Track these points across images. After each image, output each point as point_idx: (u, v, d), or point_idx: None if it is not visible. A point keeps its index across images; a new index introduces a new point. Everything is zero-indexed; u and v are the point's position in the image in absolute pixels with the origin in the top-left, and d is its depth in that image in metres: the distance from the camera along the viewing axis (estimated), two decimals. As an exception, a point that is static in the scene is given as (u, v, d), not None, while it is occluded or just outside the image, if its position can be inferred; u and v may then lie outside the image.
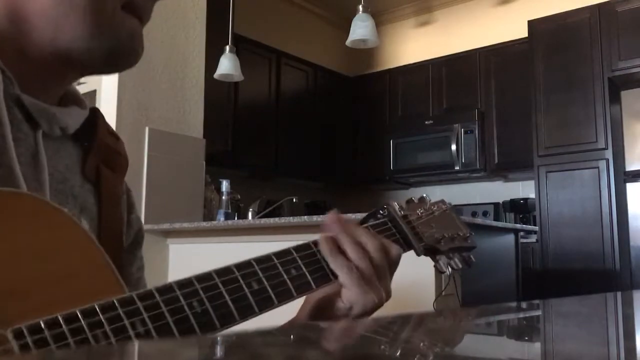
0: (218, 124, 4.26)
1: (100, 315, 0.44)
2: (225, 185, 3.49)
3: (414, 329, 0.42)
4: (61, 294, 0.46)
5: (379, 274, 0.64)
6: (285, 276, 0.58)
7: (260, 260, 0.58)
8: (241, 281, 0.54)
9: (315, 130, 5.30)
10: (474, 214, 4.92)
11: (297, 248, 0.62)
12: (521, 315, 0.53)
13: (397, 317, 0.54)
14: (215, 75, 3.47)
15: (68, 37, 0.58)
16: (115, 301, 0.45)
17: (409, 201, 0.76)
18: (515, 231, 3.15)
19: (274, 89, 4.97)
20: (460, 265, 0.74)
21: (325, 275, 0.62)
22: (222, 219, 3.33)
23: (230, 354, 0.29)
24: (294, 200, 4.32)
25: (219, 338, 0.38)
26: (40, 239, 0.48)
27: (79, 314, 0.43)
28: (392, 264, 0.66)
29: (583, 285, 3.73)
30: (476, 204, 5.05)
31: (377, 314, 0.64)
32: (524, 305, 0.60)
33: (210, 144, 3.52)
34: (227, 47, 3.49)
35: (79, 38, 0.58)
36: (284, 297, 0.57)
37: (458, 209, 5.02)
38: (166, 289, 0.49)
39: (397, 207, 0.73)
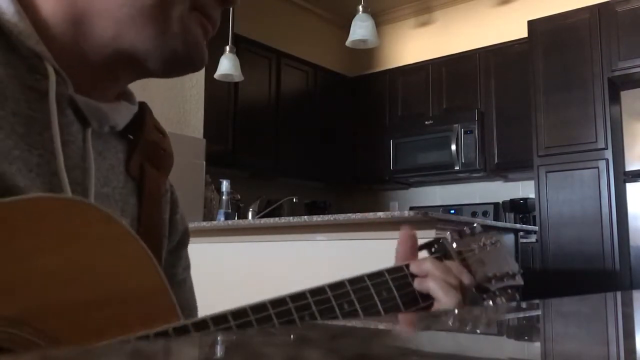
0: (218, 124, 4.27)
1: None
2: (225, 185, 3.50)
3: (414, 329, 0.42)
4: (113, 315, 0.46)
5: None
6: (376, 298, 0.60)
7: (353, 281, 0.60)
8: (333, 302, 0.55)
9: (315, 131, 5.30)
10: (474, 214, 4.92)
11: (390, 270, 0.64)
12: (521, 315, 0.53)
13: (397, 317, 0.54)
14: (215, 75, 3.48)
15: (130, 39, 0.57)
16: (170, 329, 0.44)
17: (462, 233, 0.75)
18: (515, 231, 3.15)
19: (274, 89, 4.98)
20: (505, 302, 0.74)
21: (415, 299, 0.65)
22: (222, 219, 3.33)
23: (230, 354, 0.29)
24: (294, 200, 4.32)
25: (219, 338, 0.38)
26: (97, 254, 0.47)
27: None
28: (465, 293, 0.69)
29: (583, 285, 3.73)
30: (476, 204, 5.05)
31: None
32: (524, 305, 0.60)
33: (210, 144, 3.53)
34: (227, 47, 3.49)
35: (141, 41, 0.57)
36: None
37: (458, 209, 5.03)
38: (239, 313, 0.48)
39: (451, 240, 0.73)
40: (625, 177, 3.86)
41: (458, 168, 4.84)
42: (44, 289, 0.43)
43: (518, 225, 3.37)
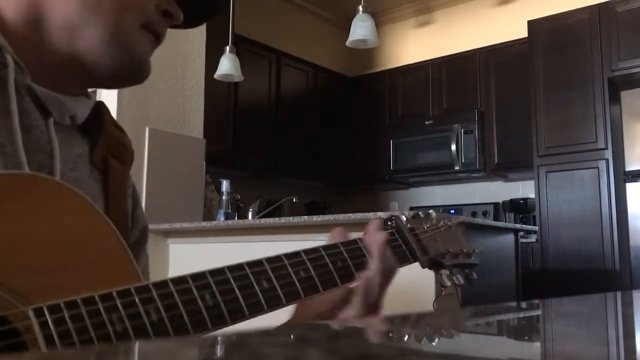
0: (218, 124, 4.26)
1: (117, 300, 0.46)
2: (225, 185, 3.50)
3: (413, 329, 0.42)
4: (80, 278, 0.48)
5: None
6: (294, 277, 0.61)
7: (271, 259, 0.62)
8: (251, 278, 0.57)
9: (315, 131, 5.30)
10: (473, 214, 4.92)
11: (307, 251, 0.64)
12: (521, 315, 0.53)
13: (397, 317, 0.54)
14: (215, 75, 3.48)
15: (83, 45, 0.60)
16: (132, 288, 0.47)
17: (416, 215, 0.78)
18: (515, 231, 3.15)
19: (274, 89, 4.97)
20: (462, 281, 0.76)
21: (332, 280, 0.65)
22: (222, 219, 3.33)
23: (230, 354, 0.29)
24: (294, 200, 4.32)
25: (219, 338, 0.38)
26: (62, 223, 0.50)
27: (96, 297, 0.45)
28: (389, 277, 0.69)
29: (583, 285, 3.73)
30: (476, 204, 5.05)
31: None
32: (523, 305, 0.60)
33: (210, 144, 3.52)
34: (227, 47, 3.49)
35: (93, 48, 0.60)
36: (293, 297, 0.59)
37: (458, 209, 5.03)
38: (180, 280, 0.50)
39: (404, 219, 0.75)
40: (625, 177, 3.86)
41: (458, 168, 4.84)
42: (15, 252, 0.46)
43: (518, 225, 3.37)
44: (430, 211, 0.81)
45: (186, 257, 3.03)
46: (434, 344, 0.35)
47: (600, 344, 0.35)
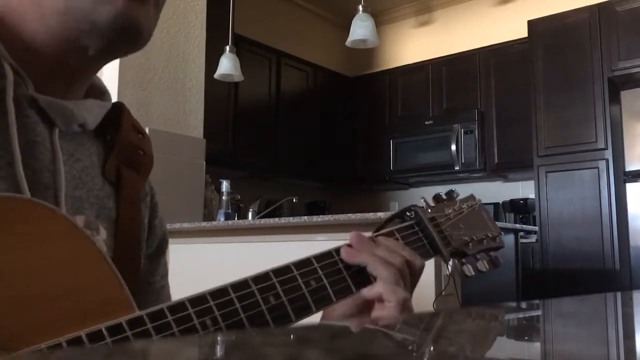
0: (218, 124, 4.26)
1: (108, 339, 0.43)
2: (225, 185, 3.50)
3: (413, 329, 0.42)
4: (67, 309, 0.45)
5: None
6: (304, 289, 0.55)
7: (279, 271, 0.56)
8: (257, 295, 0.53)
9: (315, 131, 5.30)
10: (474, 214, 4.91)
11: (318, 257, 0.59)
12: (521, 315, 0.53)
13: (396, 317, 0.54)
14: (215, 75, 3.48)
15: (48, 21, 0.54)
16: (123, 322, 0.44)
17: (437, 198, 0.73)
18: (515, 231, 3.15)
19: (274, 89, 4.97)
20: (487, 267, 0.71)
21: (347, 288, 0.59)
22: (222, 219, 3.33)
23: (230, 354, 0.29)
24: (294, 200, 4.32)
25: (219, 338, 0.38)
26: (50, 251, 0.46)
27: (83, 336, 0.42)
28: (415, 275, 0.63)
29: (583, 285, 3.73)
30: (476, 204, 5.04)
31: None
32: (524, 305, 0.60)
33: (210, 144, 3.53)
34: (227, 47, 3.49)
35: (53, 21, 0.54)
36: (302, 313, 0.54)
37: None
38: (178, 306, 0.47)
39: (425, 208, 0.70)
40: (625, 177, 3.86)
41: (458, 168, 4.84)
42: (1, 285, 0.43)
43: (518, 225, 3.37)
44: (453, 191, 0.74)
45: (186, 257, 3.03)
46: (434, 344, 0.35)
47: (600, 344, 0.35)
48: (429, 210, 0.70)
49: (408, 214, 0.69)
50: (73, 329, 0.43)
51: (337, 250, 0.60)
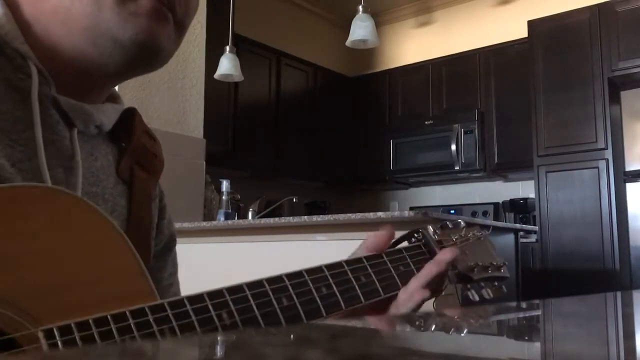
0: (218, 124, 4.26)
1: (130, 321, 0.44)
2: (225, 185, 3.50)
3: (413, 329, 0.42)
4: (92, 296, 0.47)
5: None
6: (354, 283, 0.60)
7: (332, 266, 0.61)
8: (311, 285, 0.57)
9: (315, 130, 5.30)
10: (473, 214, 4.92)
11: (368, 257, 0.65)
12: (521, 315, 0.53)
13: (396, 317, 0.54)
14: (215, 75, 3.48)
15: (75, 34, 0.56)
16: (146, 307, 0.46)
17: (444, 226, 0.75)
18: (515, 231, 3.14)
19: (274, 89, 4.97)
20: (492, 296, 0.72)
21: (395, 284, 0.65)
22: (222, 219, 3.33)
23: (230, 354, 0.29)
24: (294, 200, 4.32)
25: (219, 338, 0.38)
26: (76, 239, 0.48)
27: (109, 317, 0.43)
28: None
29: (583, 285, 3.73)
30: (476, 204, 5.05)
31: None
32: (523, 305, 0.60)
33: (210, 144, 3.52)
34: (227, 47, 3.49)
35: (78, 37, 0.56)
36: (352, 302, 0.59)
37: (458, 209, 5.03)
38: (197, 298, 0.49)
39: (432, 231, 0.72)
40: (625, 177, 3.86)
41: (458, 168, 4.84)
42: (26, 271, 0.44)
43: (518, 225, 3.37)
44: (459, 221, 0.77)
45: (186, 257, 3.02)
46: (434, 344, 0.35)
47: (600, 344, 0.35)
48: (435, 235, 0.72)
49: (416, 235, 0.72)
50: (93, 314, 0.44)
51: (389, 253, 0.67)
